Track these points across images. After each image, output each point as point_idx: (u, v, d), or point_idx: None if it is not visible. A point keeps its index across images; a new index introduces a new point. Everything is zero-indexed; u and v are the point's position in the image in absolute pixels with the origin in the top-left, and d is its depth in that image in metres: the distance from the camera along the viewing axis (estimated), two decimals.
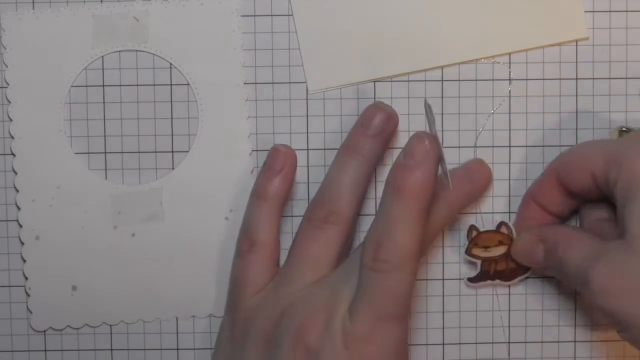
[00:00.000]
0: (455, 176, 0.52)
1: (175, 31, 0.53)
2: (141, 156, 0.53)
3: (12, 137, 0.53)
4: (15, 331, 0.54)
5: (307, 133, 0.54)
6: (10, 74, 0.53)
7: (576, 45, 0.54)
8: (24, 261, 0.53)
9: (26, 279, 0.53)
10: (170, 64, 0.53)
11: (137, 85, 0.53)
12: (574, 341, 0.55)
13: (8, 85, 0.53)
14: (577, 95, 0.54)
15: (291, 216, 0.54)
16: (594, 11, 0.53)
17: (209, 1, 0.53)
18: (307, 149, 0.54)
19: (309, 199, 0.53)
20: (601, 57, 0.53)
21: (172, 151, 0.53)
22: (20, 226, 0.53)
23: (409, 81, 0.54)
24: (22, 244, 0.53)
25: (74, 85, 0.53)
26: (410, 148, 0.46)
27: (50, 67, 0.53)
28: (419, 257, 0.46)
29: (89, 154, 0.53)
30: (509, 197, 0.54)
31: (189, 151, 0.53)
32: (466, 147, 0.54)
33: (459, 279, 0.54)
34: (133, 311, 0.54)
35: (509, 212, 0.54)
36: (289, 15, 0.53)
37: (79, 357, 0.54)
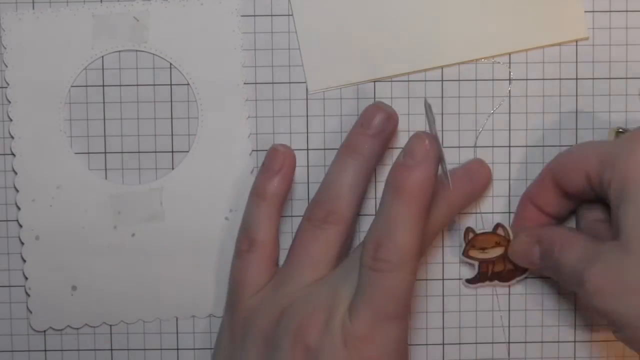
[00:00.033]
0: (455, 176, 0.52)
1: (175, 31, 0.53)
2: (141, 156, 0.53)
3: (12, 137, 0.53)
4: (15, 331, 0.54)
5: (307, 133, 0.54)
6: (10, 74, 0.53)
7: (576, 45, 0.54)
8: (24, 261, 0.53)
9: (26, 279, 0.53)
10: (170, 64, 0.53)
11: (137, 85, 0.53)
12: (574, 341, 0.55)
13: (8, 85, 0.53)
14: (577, 95, 0.54)
15: (291, 216, 0.54)
16: (594, 11, 0.53)
17: (209, 1, 0.53)
18: (307, 149, 0.54)
19: (309, 199, 0.53)
20: (601, 57, 0.53)
21: (172, 151, 0.53)
22: (20, 226, 0.53)
23: (409, 81, 0.53)
24: (22, 244, 0.53)
25: (74, 85, 0.53)
26: (410, 148, 0.46)
27: (50, 67, 0.53)
28: (418, 257, 0.46)
29: (89, 154, 0.53)
30: (509, 197, 0.54)
31: (189, 151, 0.53)
32: (466, 147, 0.54)
33: (458, 279, 0.54)
34: (133, 311, 0.54)
35: (508, 212, 0.54)
36: (289, 15, 0.53)
37: (79, 357, 0.54)
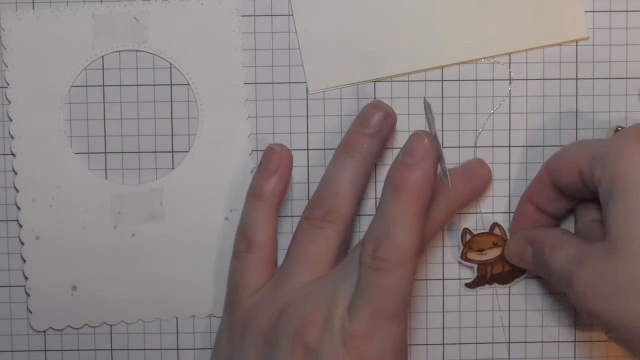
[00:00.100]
0: (454, 175, 0.51)
1: (175, 31, 0.53)
2: (141, 156, 0.53)
3: (12, 137, 0.53)
4: (15, 331, 0.54)
5: (307, 133, 0.54)
6: (10, 74, 0.53)
7: (576, 45, 0.53)
8: (24, 261, 0.53)
9: (26, 279, 0.53)
10: (170, 64, 0.53)
11: (137, 85, 0.53)
12: (574, 341, 0.55)
13: (8, 85, 0.53)
14: (577, 95, 0.54)
15: (291, 216, 0.54)
16: (594, 11, 0.53)
17: (209, 1, 0.53)
18: (307, 149, 0.54)
19: (308, 199, 0.53)
20: (601, 57, 0.53)
21: (172, 151, 0.53)
22: (20, 226, 0.53)
23: (409, 81, 0.53)
24: (22, 244, 0.53)
25: (74, 85, 0.53)
26: (409, 147, 0.46)
27: (50, 67, 0.53)
28: (418, 256, 0.46)
29: (89, 154, 0.53)
30: (509, 197, 0.54)
31: (189, 151, 0.53)
32: (466, 147, 0.54)
33: (458, 279, 0.54)
34: (133, 311, 0.54)
35: (508, 212, 0.54)
36: (289, 15, 0.53)
37: (79, 357, 0.54)
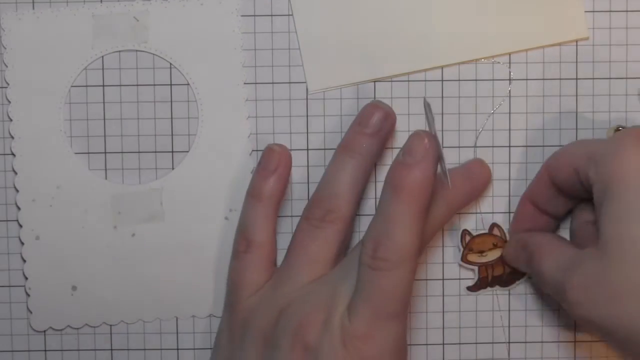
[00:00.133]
0: (454, 175, 0.51)
1: (175, 31, 0.53)
2: (141, 156, 0.53)
3: (12, 137, 0.53)
4: (15, 331, 0.54)
5: (307, 133, 0.54)
6: (10, 74, 0.53)
7: (576, 45, 0.53)
8: (24, 261, 0.53)
9: (26, 279, 0.53)
10: (170, 64, 0.53)
11: (137, 85, 0.53)
12: (574, 341, 0.55)
13: (8, 85, 0.53)
14: (577, 95, 0.54)
15: (291, 216, 0.54)
16: (594, 11, 0.53)
17: (209, 1, 0.53)
18: (307, 149, 0.54)
19: (308, 199, 0.53)
20: (601, 57, 0.53)
21: (172, 151, 0.53)
22: (20, 226, 0.53)
23: (409, 81, 0.53)
24: (22, 244, 0.53)
25: (74, 85, 0.53)
26: (409, 146, 0.46)
27: (50, 67, 0.53)
28: (418, 256, 0.46)
29: (89, 154, 0.53)
30: (509, 197, 0.54)
31: (189, 151, 0.53)
32: (466, 147, 0.54)
33: (459, 279, 0.54)
34: (133, 311, 0.54)
35: (508, 213, 0.54)
36: (289, 15, 0.53)
37: (79, 357, 0.54)
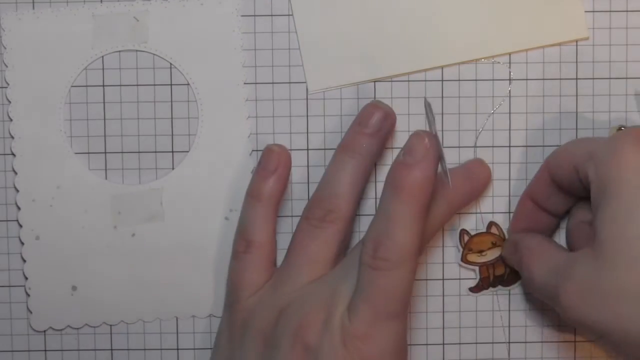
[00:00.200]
0: (455, 175, 0.51)
1: (175, 31, 0.53)
2: (141, 156, 0.53)
3: (12, 137, 0.53)
4: (15, 331, 0.54)
5: (307, 133, 0.54)
6: (10, 74, 0.53)
7: (576, 45, 0.53)
8: (24, 261, 0.53)
9: (26, 279, 0.53)
10: (170, 64, 0.53)
11: (137, 85, 0.53)
12: (574, 341, 0.55)
13: (8, 85, 0.53)
14: (577, 95, 0.54)
15: (290, 216, 0.54)
16: (594, 11, 0.53)
17: (209, 1, 0.53)
18: (307, 149, 0.54)
19: (308, 199, 0.53)
20: (601, 57, 0.53)
21: (172, 151, 0.53)
22: (20, 226, 0.53)
23: (409, 81, 0.53)
24: (22, 244, 0.53)
25: (74, 85, 0.53)
26: (409, 146, 0.46)
27: (50, 67, 0.53)
28: (418, 256, 0.46)
29: (89, 154, 0.53)
30: (509, 197, 0.54)
31: (189, 151, 0.53)
32: (466, 147, 0.54)
33: (459, 279, 0.54)
34: (133, 311, 0.54)
35: (508, 212, 0.54)
36: (289, 15, 0.53)
37: (79, 357, 0.54)
